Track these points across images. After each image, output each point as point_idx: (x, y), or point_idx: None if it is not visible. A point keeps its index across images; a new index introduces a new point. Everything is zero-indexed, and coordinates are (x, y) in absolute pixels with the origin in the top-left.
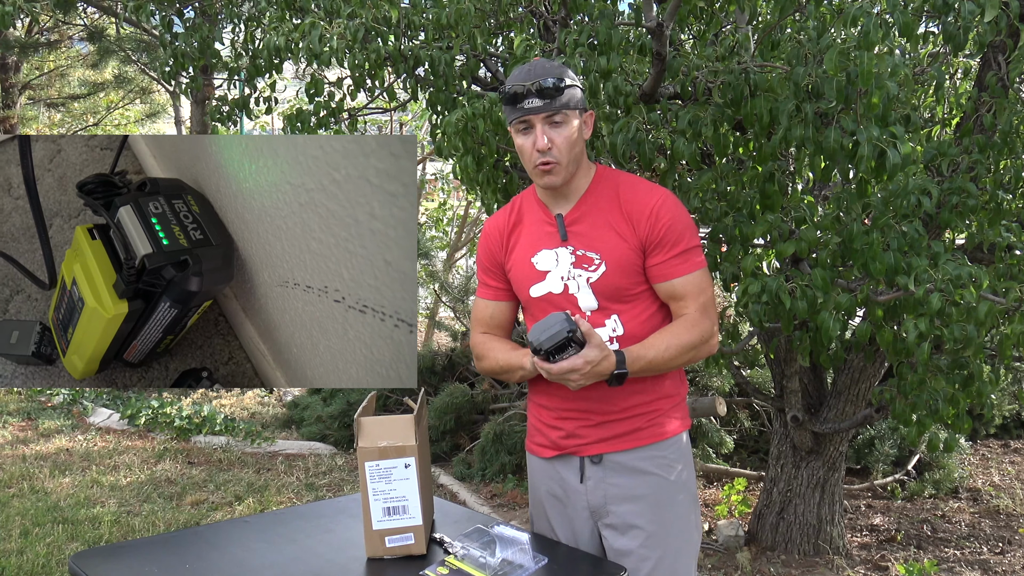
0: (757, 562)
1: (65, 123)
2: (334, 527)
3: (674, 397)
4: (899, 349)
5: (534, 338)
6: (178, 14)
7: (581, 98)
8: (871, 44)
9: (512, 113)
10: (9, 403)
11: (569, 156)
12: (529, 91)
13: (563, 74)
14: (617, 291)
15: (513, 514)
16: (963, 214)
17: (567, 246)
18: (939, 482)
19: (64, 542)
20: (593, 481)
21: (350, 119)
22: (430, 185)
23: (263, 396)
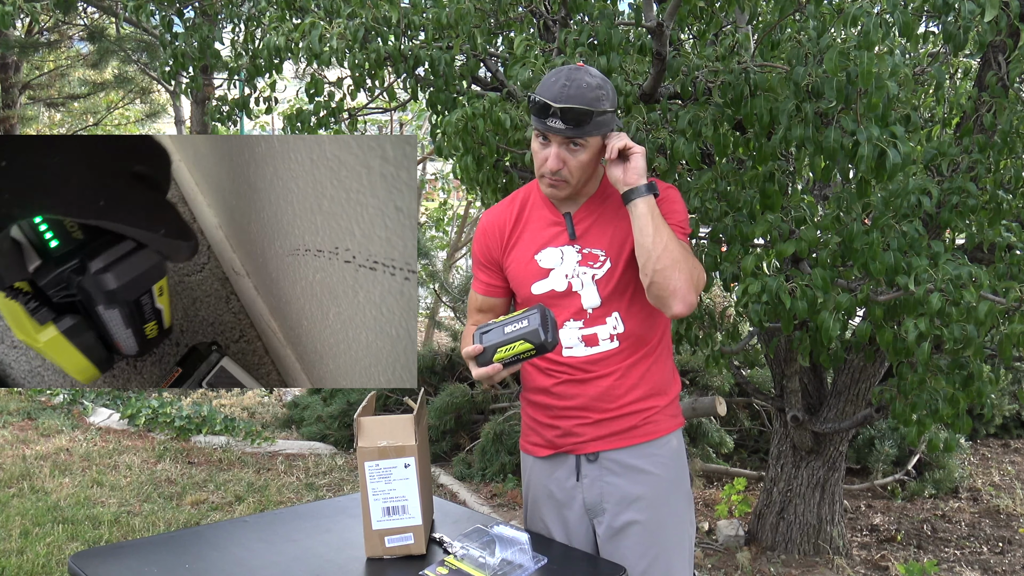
0: (757, 562)
1: (65, 123)
2: (334, 527)
3: (668, 394)
4: (899, 349)
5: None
6: (178, 14)
7: (611, 121)
8: (871, 44)
9: (535, 120)
10: (9, 403)
11: (580, 178)
12: (556, 112)
13: (597, 100)
14: (621, 286)
15: (513, 514)
16: (963, 214)
17: (574, 244)
18: (939, 482)
19: (64, 542)
20: (589, 479)
21: (350, 119)
22: (430, 185)
23: (263, 396)
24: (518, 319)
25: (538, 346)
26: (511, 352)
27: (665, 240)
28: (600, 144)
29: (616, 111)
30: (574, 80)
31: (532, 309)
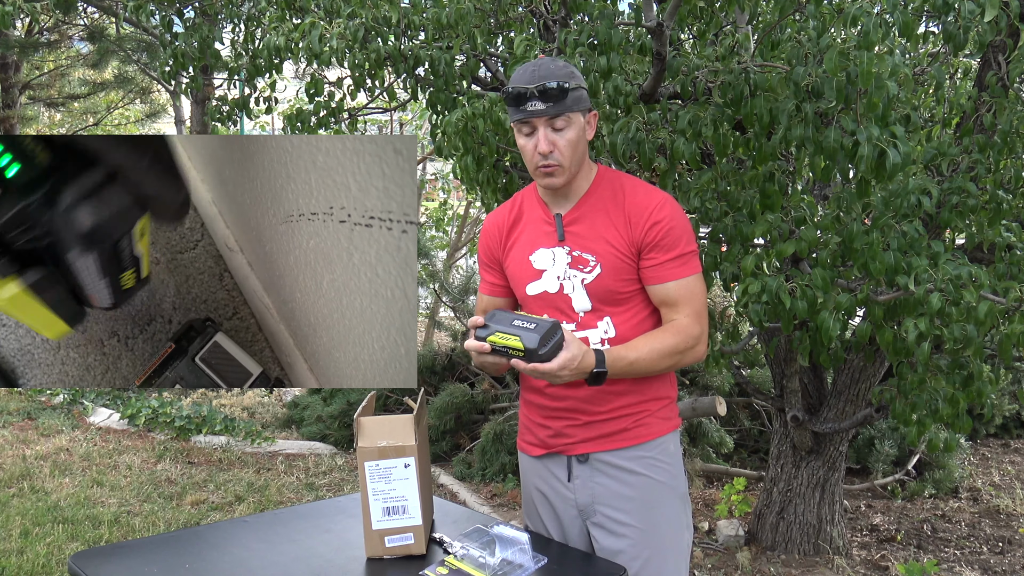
0: (757, 562)
1: (65, 123)
2: (334, 527)
3: (663, 400)
4: (899, 349)
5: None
6: (178, 14)
7: (586, 98)
8: (871, 44)
9: (515, 114)
10: (9, 403)
11: (572, 158)
12: (532, 93)
13: (568, 76)
14: (610, 294)
15: (513, 514)
16: (963, 214)
17: (564, 246)
18: (939, 482)
19: (64, 542)
20: (581, 480)
21: (350, 119)
22: (430, 185)
23: (263, 396)
24: (531, 320)
25: (528, 351)
26: (504, 342)
27: (655, 357)
28: (583, 124)
29: (586, 88)
30: (541, 64)
31: (549, 321)
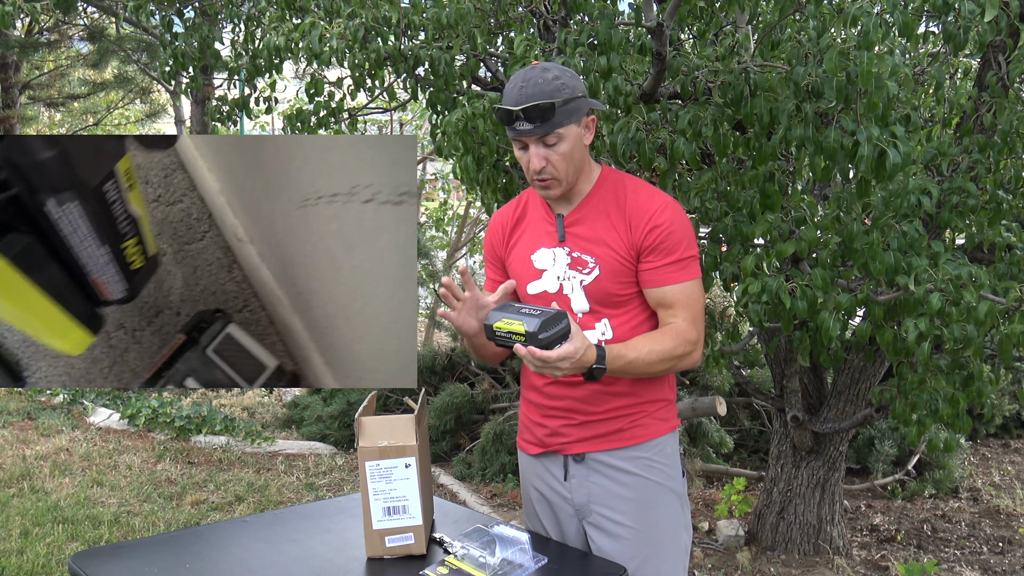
0: (757, 562)
1: (65, 123)
2: (334, 527)
3: (660, 402)
4: (899, 349)
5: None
6: (178, 14)
7: (581, 107)
8: (871, 44)
9: (508, 130)
10: (9, 403)
11: (566, 170)
12: (518, 115)
13: (557, 90)
14: (608, 296)
15: (513, 514)
16: (963, 214)
17: (564, 247)
18: (939, 482)
19: (64, 542)
20: (577, 480)
21: (350, 119)
22: (430, 185)
23: (263, 396)
24: (537, 309)
25: (528, 335)
26: (508, 327)
27: (652, 359)
28: (578, 132)
29: (585, 95)
30: (529, 79)
31: (554, 310)
